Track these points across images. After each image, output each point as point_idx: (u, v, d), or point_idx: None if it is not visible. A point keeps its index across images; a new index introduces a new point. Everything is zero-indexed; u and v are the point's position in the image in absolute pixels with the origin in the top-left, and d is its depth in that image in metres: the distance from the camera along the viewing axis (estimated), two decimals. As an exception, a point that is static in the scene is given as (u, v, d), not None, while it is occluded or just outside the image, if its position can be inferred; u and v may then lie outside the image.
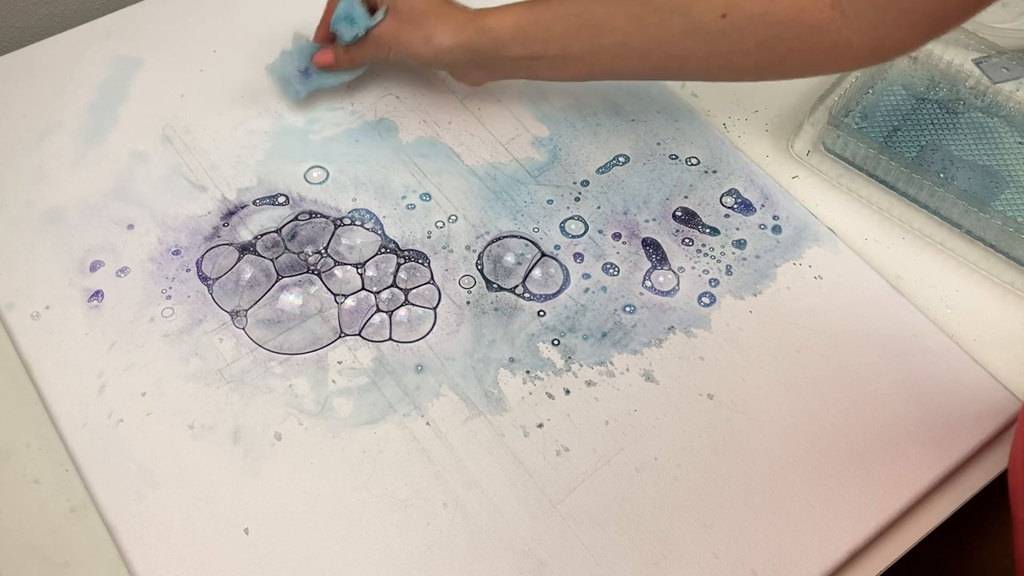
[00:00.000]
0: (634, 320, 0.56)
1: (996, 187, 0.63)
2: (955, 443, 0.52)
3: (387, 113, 0.66)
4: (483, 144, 0.64)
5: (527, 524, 0.49)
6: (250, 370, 0.54)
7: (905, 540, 0.51)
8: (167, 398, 0.53)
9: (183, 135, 0.64)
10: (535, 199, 0.62)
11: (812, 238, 0.60)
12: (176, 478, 0.50)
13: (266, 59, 0.68)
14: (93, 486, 0.50)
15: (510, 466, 0.51)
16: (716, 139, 0.65)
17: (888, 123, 0.66)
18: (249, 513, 0.49)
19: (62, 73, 0.67)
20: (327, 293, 0.57)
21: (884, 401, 0.54)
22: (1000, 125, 0.66)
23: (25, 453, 0.52)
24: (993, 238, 0.59)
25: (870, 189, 0.63)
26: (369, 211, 0.61)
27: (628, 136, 0.65)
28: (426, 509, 0.49)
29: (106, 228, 0.59)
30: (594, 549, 0.49)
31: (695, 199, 0.62)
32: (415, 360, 0.55)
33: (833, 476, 0.51)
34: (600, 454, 0.51)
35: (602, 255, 0.59)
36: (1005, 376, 0.55)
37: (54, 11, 0.77)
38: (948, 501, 0.52)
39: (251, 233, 0.59)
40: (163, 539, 0.48)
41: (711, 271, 0.59)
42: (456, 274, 0.58)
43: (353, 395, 0.53)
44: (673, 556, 0.48)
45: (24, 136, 0.64)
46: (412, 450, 0.51)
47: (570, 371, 0.54)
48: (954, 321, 0.58)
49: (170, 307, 0.56)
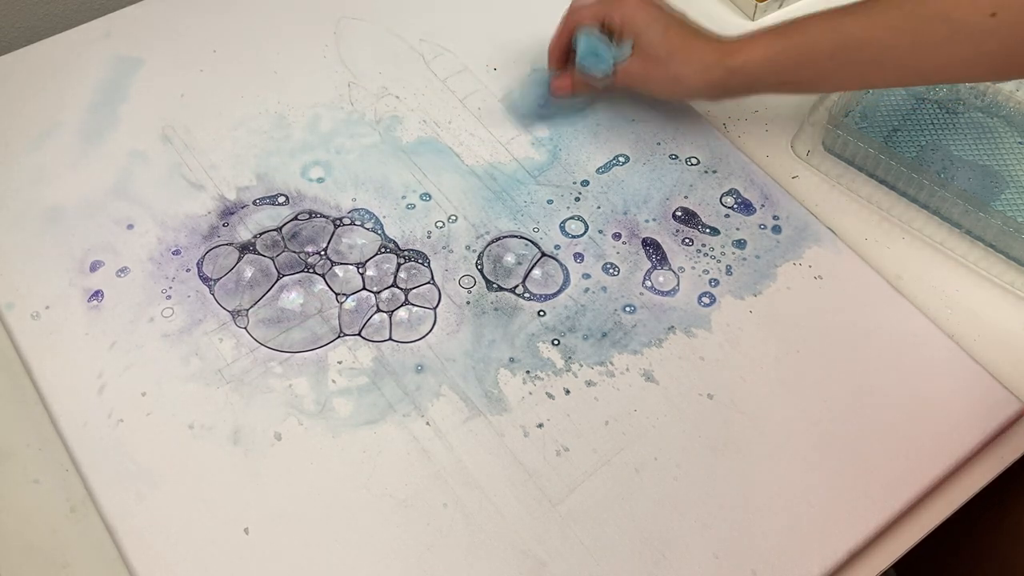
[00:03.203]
0: (634, 320, 0.56)
1: (996, 187, 0.63)
2: (955, 443, 0.52)
3: (387, 113, 0.66)
4: (483, 144, 0.64)
5: (527, 524, 0.49)
6: (250, 370, 0.54)
7: (905, 540, 0.51)
8: (167, 398, 0.53)
9: (183, 135, 0.64)
10: (535, 199, 0.62)
11: (812, 238, 0.60)
12: (176, 478, 0.50)
13: (266, 59, 0.68)
14: (93, 486, 0.50)
15: (510, 466, 0.51)
16: (716, 139, 0.65)
17: (888, 123, 0.66)
18: (249, 513, 0.49)
19: (62, 73, 0.67)
20: (328, 293, 0.57)
21: (884, 401, 0.54)
22: (1000, 125, 0.66)
23: (25, 453, 0.52)
24: (993, 238, 0.59)
25: (870, 189, 0.63)
26: (369, 211, 0.61)
27: (628, 136, 0.65)
28: (426, 509, 0.49)
29: (106, 228, 0.59)
30: (594, 549, 0.49)
31: (695, 199, 0.62)
32: (415, 360, 0.55)
33: (833, 476, 0.51)
34: (600, 454, 0.51)
35: (602, 255, 0.59)
36: (1005, 376, 0.55)
37: (54, 11, 0.77)
38: (948, 501, 0.52)
39: (250, 232, 0.59)
40: (163, 539, 0.48)
41: (711, 271, 0.59)
42: (456, 274, 0.58)
43: (353, 395, 0.53)
44: (673, 556, 0.48)
45: (24, 136, 0.64)
46: (412, 450, 0.51)
47: (570, 371, 0.54)
48: (954, 321, 0.58)
49: (170, 307, 0.56)
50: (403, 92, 0.67)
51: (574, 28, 0.61)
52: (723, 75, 0.57)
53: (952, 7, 0.51)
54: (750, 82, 0.57)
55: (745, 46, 0.56)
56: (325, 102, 0.66)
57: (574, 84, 0.62)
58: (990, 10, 0.50)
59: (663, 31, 0.58)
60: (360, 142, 0.64)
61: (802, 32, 0.55)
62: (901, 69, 0.55)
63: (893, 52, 0.54)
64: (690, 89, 0.59)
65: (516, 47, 0.70)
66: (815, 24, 0.55)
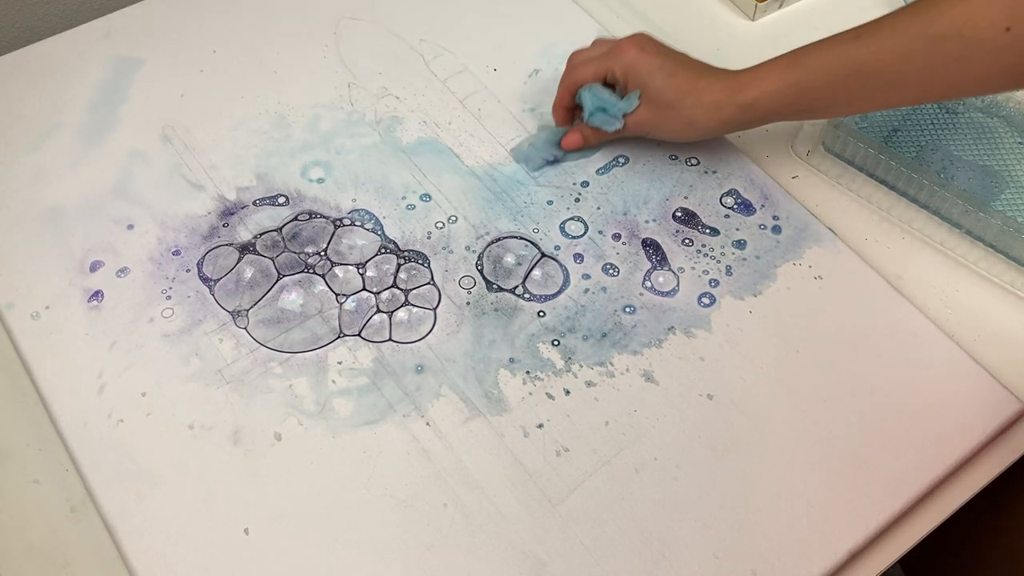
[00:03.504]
0: (634, 320, 0.56)
1: (996, 187, 0.63)
2: (955, 443, 0.52)
3: (387, 113, 0.66)
4: (483, 144, 0.64)
5: (527, 524, 0.49)
6: (250, 370, 0.54)
7: (905, 540, 0.51)
8: (167, 398, 0.53)
9: (183, 135, 0.64)
10: (535, 200, 0.62)
11: (812, 238, 0.60)
12: (176, 478, 0.50)
13: (266, 59, 0.68)
14: (93, 486, 0.50)
15: (510, 466, 0.51)
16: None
17: (888, 123, 0.66)
18: (249, 513, 0.49)
19: (62, 73, 0.67)
20: (328, 293, 0.57)
21: (884, 401, 0.54)
22: (1000, 125, 0.66)
23: (25, 453, 0.52)
24: (993, 238, 0.59)
25: (870, 189, 0.63)
26: (369, 211, 0.61)
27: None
28: (426, 509, 0.49)
29: (106, 228, 0.59)
30: (594, 549, 0.49)
31: (695, 199, 0.62)
32: (415, 360, 0.55)
33: (833, 476, 0.51)
34: (600, 454, 0.51)
35: (602, 256, 0.59)
36: (1005, 376, 0.55)
37: (54, 11, 0.77)
38: (948, 501, 0.52)
39: (250, 233, 0.59)
40: (163, 539, 0.48)
41: (711, 271, 0.59)
42: (456, 275, 0.58)
43: (353, 395, 0.53)
44: (673, 556, 0.48)
45: (24, 136, 0.64)
46: (412, 450, 0.51)
47: (570, 371, 0.54)
48: (954, 321, 0.58)
49: (170, 307, 0.56)
50: (403, 92, 0.67)
51: (574, 87, 0.61)
52: (736, 112, 0.57)
53: (964, 25, 0.50)
54: (764, 115, 0.57)
55: (755, 80, 0.56)
56: (325, 102, 0.66)
57: (584, 138, 0.63)
58: (1004, 24, 0.49)
59: (668, 76, 0.57)
60: (360, 142, 0.64)
61: (813, 61, 0.55)
62: (918, 89, 0.54)
63: (907, 75, 0.53)
64: (703, 130, 0.59)
65: (516, 48, 0.70)
66: (824, 52, 0.55)
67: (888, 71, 0.53)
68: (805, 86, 0.55)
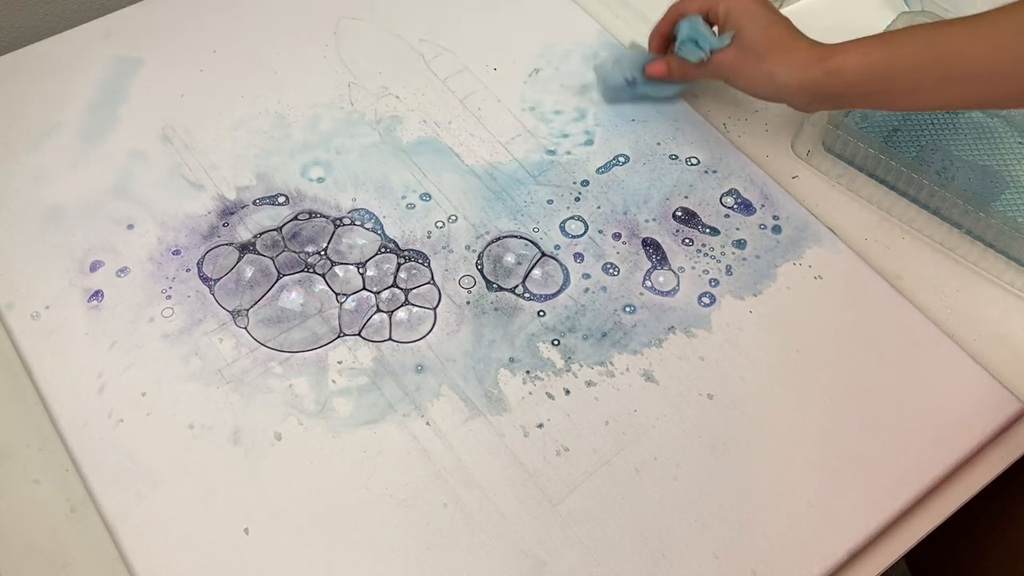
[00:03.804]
0: (634, 320, 0.56)
1: (996, 187, 0.63)
2: (955, 443, 0.52)
3: (387, 113, 0.66)
4: (483, 144, 0.64)
5: (527, 524, 0.49)
6: (250, 370, 0.54)
7: (905, 540, 0.51)
8: (167, 398, 0.53)
9: (183, 135, 0.64)
10: (535, 199, 0.62)
11: (812, 238, 0.60)
12: (176, 478, 0.50)
13: (266, 59, 0.68)
14: (93, 486, 0.50)
15: (510, 466, 0.51)
16: (716, 139, 0.65)
17: (888, 123, 0.66)
18: (249, 513, 0.49)
19: (62, 73, 0.67)
20: (328, 292, 0.57)
21: (884, 401, 0.54)
22: (1000, 125, 0.66)
23: (25, 453, 0.52)
24: (993, 238, 0.59)
25: (870, 189, 0.63)
26: (369, 211, 0.61)
27: (628, 136, 0.65)
28: (426, 509, 0.49)
29: (106, 228, 0.59)
30: (594, 549, 0.49)
31: (695, 199, 0.62)
32: (415, 360, 0.55)
33: (833, 476, 0.51)
34: (600, 454, 0.51)
35: (602, 255, 0.59)
36: (1005, 376, 0.55)
37: (54, 11, 0.77)
38: (948, 501, 0.52)
39: (250, 232, 0.59)
40: (163, 539, 0.48)
41: (711, 271, 0.59)
42: (456, 274, 0.58)
43: (353, 395, 0.53)
44: (673, 556, 0.48)
45: (24, 136, 0.64)
46: (412, 450, 0.51)
47: (570, 371, 0.54)
48: (954, 321, 0.58)
49: (170, 307, 0.56)
50: (403, 92, 0.67)
51: (677, 16, 0.61)
52: (819, 76, 0.56)
53: None
54: (844, 88, 0.56)
55: (844, 51, 0.56)
56: (325, 102, 0.66)
57: (670, 69, 0.63)
58: None
59: (766, 27, 0.58)
60: (360, 142, 0.64)
61: (902, 41, 0.54)
62: (1007, 87, 0.53)
63: (998, 68, 0.52)
64: (782, 87, 0.58)
65: (516, 47, 0.70)
66: (916, 34, 0.54)
67: (978, 61, 0.52)
68: (892, 63, 0.54)
